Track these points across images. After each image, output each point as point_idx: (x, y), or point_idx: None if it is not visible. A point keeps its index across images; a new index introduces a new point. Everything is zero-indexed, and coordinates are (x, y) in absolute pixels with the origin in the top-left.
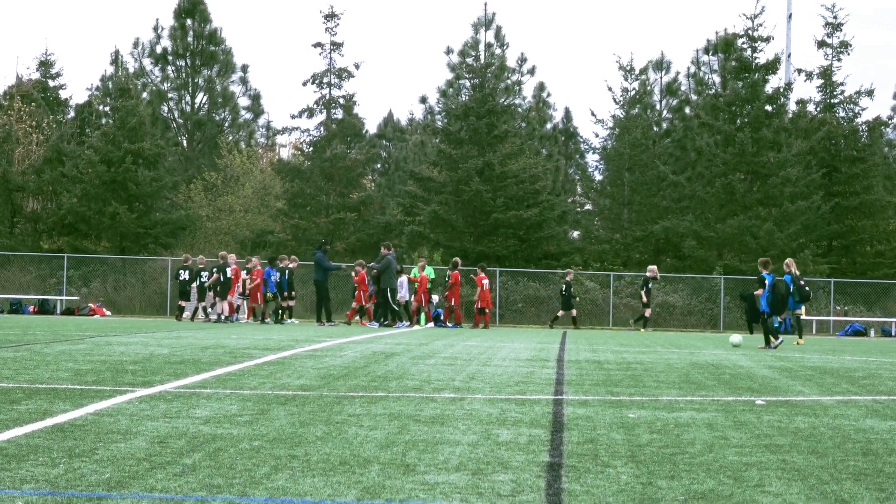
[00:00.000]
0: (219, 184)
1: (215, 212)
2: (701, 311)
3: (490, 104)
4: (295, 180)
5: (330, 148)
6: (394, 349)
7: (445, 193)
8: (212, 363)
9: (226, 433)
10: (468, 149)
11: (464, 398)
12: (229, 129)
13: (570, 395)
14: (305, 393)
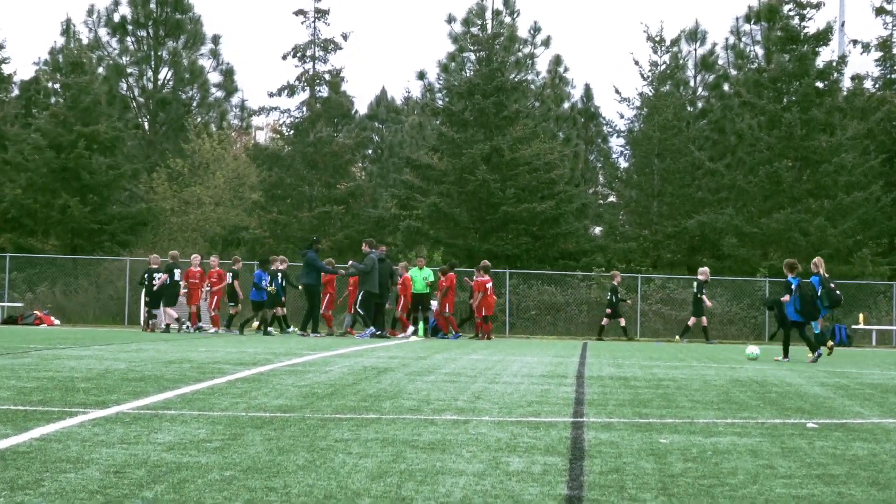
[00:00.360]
0: (185, 172)
1: (181, 205)
2: (743, 320)
3: (498, 80)
4: (273, 168)
5: (314, 131)
6: (387, 364)
7: (447, 183)
8: (176, 380)
9: (192, 461)
10: (473, 132)
11: (468, 421)
12: (198, 110)
13: (591, 416)
14: (285, 415)
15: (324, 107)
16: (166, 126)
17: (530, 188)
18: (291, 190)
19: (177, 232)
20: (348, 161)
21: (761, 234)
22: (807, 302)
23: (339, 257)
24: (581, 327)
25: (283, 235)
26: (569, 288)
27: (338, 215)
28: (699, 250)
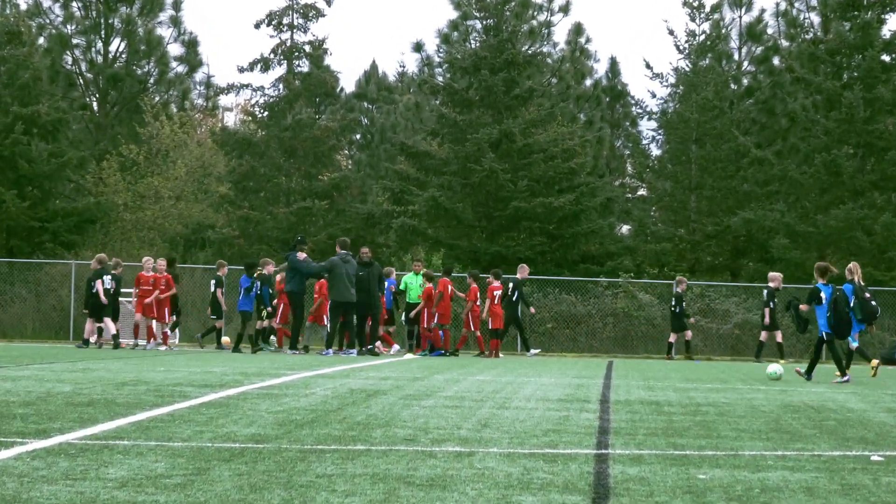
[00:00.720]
0: (141, 161)
1: (136, 199)
2: (796, 334)
3: (509, 53)
4: (244, 156)
5: (291, 112)
6: (378, 386)
7: (448, 174)
8: (131, 405)
9: (149, 500)
10: (479, 113)
11: (473, 453)
12: (155, 88)
13: (618, 448)
14: (258, 445)
15: (303, 84)
16: (118, 107)
17: (546, 180)
18: (265, 182)
19: (131, 231)
20: (332, 148)
21: (817, 233)
22: (842, 316)
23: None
24: (606, 343)
25: (256, 235)
26: (591, 297)
27: (320, 211)
28: (744, 253)
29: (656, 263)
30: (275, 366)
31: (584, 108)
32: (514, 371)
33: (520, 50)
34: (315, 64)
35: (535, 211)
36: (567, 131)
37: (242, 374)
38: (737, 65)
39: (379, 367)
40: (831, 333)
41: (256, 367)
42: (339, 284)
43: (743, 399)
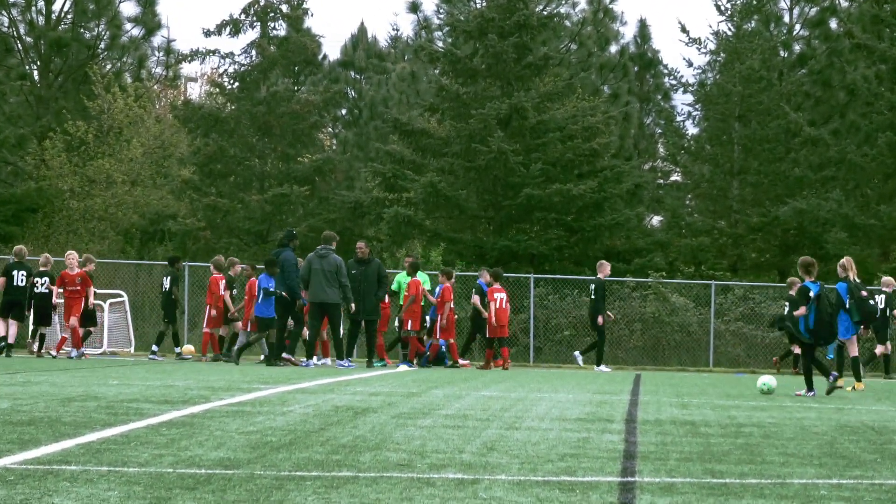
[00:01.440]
0: (90, 140)
1: (84, 184)
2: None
3: (520, 14)
4: (211, 134)
5: (266, 84)
6: (367, 402)
7: (449, 156)
8: (79, 424)
9: None
10: (486, 85)
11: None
12: (107, 54)
13: (646, 475)
14: (227, 471)
15: (280, 50)
16: (63, 76)
17: (564, 163)
18: (235, 164)
19: (78, 221)
20: (314, 125)
21: (880, 225)
22: (823, 318)
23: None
24: (632, 353)
25: (225, 226)
26: (616, 299)
27: (299, 199)
28: (795, 248)
29: (692, 261)
30: (246, 379)
31: (608, 79)
32: (526, 385)
33: (533, 11)
34: (293, 27)
35: (551, 199)
36: (588, 106)
37: (209, 389)
38: (787, 28)
39: (368, 381)
40: (809, 337)
41: (226, 380)
42: (312, 282)
43: (792, 419)
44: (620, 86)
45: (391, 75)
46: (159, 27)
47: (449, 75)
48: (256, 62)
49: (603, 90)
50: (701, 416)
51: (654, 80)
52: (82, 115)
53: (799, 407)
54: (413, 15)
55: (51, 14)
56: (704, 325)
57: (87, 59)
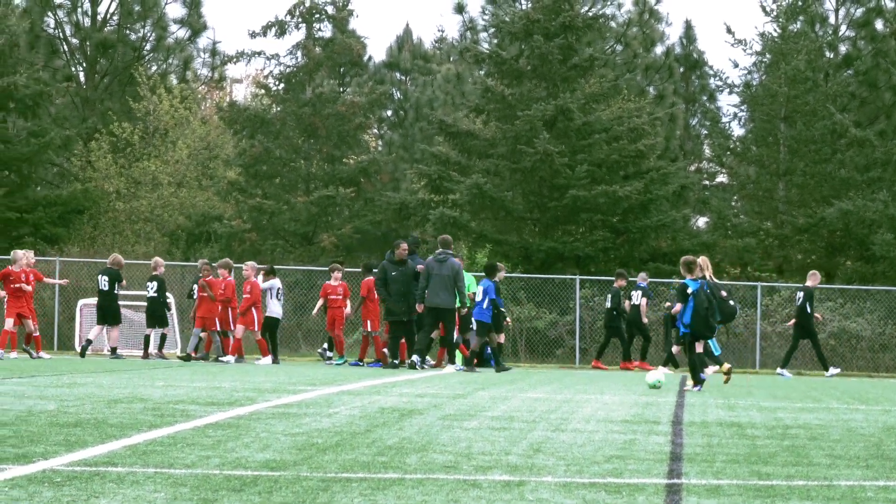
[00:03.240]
0: (136, 141)
1: (130, 185)
2: None
3: (566, 16)
4: (256, 136)
5: (312, 85)
6: (413, 404)
7: (495, 157)
8: (125, 425)
9: None
10: (531, 86)
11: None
12: (152, 56)
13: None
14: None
15: (325, 51)
16: (109, 78)
17: (609, 164)
18: (281, 166)
19: (124, 223)
20: (359, 126)
21: None
22: (700, 314)
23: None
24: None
25: (270, 228)
26: (663, 300)
27: (345, 201)
28: (841, 249)
29: (738, 262)
30: (292, 381)
31: (653, 80)
32: (572, 387)
33: (579, 12)
34: (339, 28)
35: (597, 201)
36: (634, 107)
37: (255, 391)
38: (833, 29)
39: (413, 383)
40: (689, 333)
41: (271, 383)
42: (430, 286)
43: (839, 420)
44: (666, 87)
45: (437, 77)
46: (205, 29)
47: (494, 77)
48: (302, 63)
49: (648, 91)
50: (747, 417)
51: (699, 81)
52: (128, 117)
53: (846, 409)
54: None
55: (97, 16)
56: (750, 326)
57: (132, 60)
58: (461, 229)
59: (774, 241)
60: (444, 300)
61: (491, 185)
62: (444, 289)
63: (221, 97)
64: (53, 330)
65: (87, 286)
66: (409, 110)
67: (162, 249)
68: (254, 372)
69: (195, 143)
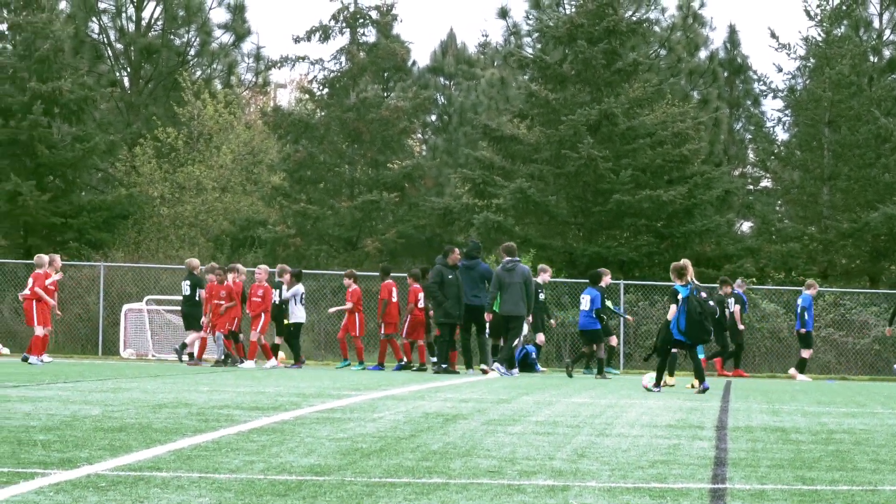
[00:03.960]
0: (180, 146)
1: (175, 190)
2: None
3: (610, 20)
4: (301, 141)
5: (356, 90)
6: (457, 409)
7: (539, 162)
8: (170, 430)
9: None
10: (575, 91)
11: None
12: (196, 61)
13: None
14: (318, 478)
15: (369, 56)
16: (153, 83)
17: (654, 169)
18: (325, 171)
19: (168, 228)
20: (403, 131)
21: None
22: (693, 319)
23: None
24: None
25: (315, 233)
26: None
27: (389, 205)
28: (885, 254)
29: (782, 267)
30: (336, 385)
31: (697, 85)
32: (616, 392)
33: (622, 16)
34: (383, 32)
35: (641, 205)
36: (678, 112)
37: (299, 396)
38: (877, 33)
39: (458, 388)
40: (680, 340)
41: (315, 388)
42: (507, 295)
43: (883, 425)
44: (710, 91)
45: (480, 81)
46: (249, 33)
47: (538, 81)
48: (346, 68)
49: (692, 96)
50: (792, 422)
51: (743, 85)
52: (172, 122)
53: (890, 413)
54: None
55: (141, 21)
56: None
57: (176, 65)
58: (505, 234)
59: (819, 245)
60: (520, 309)
61: (535, 190)
62: (521, 297)
63: (265, 102)
64: (98, 335)
65: (132, 291)
66: (453, 115)
67: (206, 254)
68: (298, 377)
69: (239, 148)
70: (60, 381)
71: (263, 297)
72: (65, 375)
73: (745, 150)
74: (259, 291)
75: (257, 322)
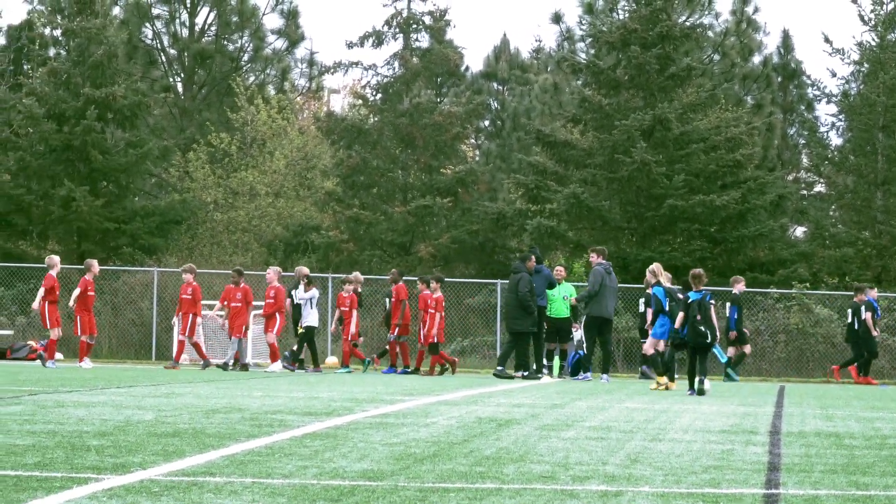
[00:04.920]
0: (233, 152)
1: (228, 196)
2: None
3: (663, 25)
4: (354, 146)
5: (409, 95)
6: (510, 414)
7: (592, 167)
8: (223, 435)
9: None
10: (628, 96)
11: (621, 492)
12: (250, 66)
13: (790, 487)
14: (371, 483)
15: (423, 61)
16: (207, 88)
17: (707, 174)
18: (378, 176)
19: (222, 233)
20: (456, 136)
21: None
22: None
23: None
24: (776, 365)
25: (368, 238)
26: (760, 311)
27: (442, 211)
28: None
29: (836, 272)
30: (390, 390)
31: (751, 90)
32: (669, 397)
33: (676, 21)
34: (436, 38)
35: (695, 210)
36: (732, 117)
37: (352, 401)
38: None
39: (511, 393)
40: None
41: (368, 393)
42: (605, 298)
43: None
44: (763, 96)
45: (534, 86)
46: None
47: (592, 86)
48: (399, 74)
49: (746, 101)
50: (845, 427)
51: (797, 90)
52: (225, 127)
53: None
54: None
55: (194, 26)
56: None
57: (230, 70)
58: (558, 239)
59: (872, 250)
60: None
61: (588, 195)
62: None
63: (319, 107)
64: (151, 340)
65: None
66: (507, 120)
67: (260, 260)
68: (351, 382)
69: (292, 153)
70: (114, 386)
71: (276, 297)
72: (118, 380)
73: (799, 154)
74: (271, 293)
75: (272, 323)
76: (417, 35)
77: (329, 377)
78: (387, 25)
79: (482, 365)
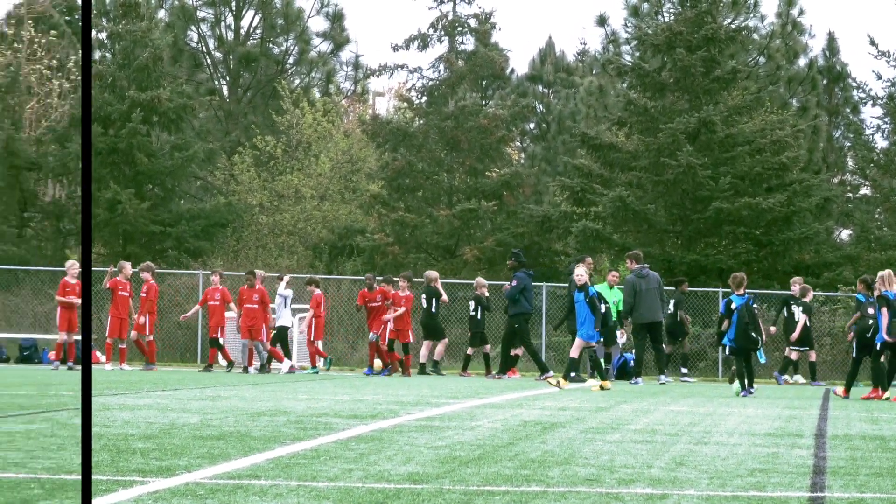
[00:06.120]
0: (279, 155)
1: (273, 199)
2: None
3: (708, 28)
4: (399, 149)
5: (454, 98)
6: (555, 417)
7: (637, 170)
8: (268, 438)
9: None
10: (674, 99)
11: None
12: (295, 69)
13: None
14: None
15: (468, 64)
16: (252, 91)
17: (752, 176)
18: (424, 179)
19: (267, 236)
20: (502, 139)
21: None
22: (740, 328)
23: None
24: (823, 367)
25: (413, 241)
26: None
27: (488, 213)
28: None
29: None
30: (435, 393)
31: (796, 93)
32: (714, 400)
33: (721, 24)
34: (481, 41)
35: (740, 213)
36: (777, 119)
37: (397, 404)
38: None
39: (555, 396)
40: (735, 347)
41: (413, 395)
42: (644, 302)
43: None
44: (809, 99)
45: (579, 89)
46: (347, 42)
47: (637, 89)
48: (444, 76)
49: (791, 103)
50: (891, 431)
51: (842, 93)
52: (271, 130)
53: None
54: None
55: (239, 30)
56: None
57: (275, 74)
58: (603, 242)
59: None
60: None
61: (633, 198)
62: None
63: (364, 110)
64: (197, 343)
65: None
66: (552, 123)
67: (305, 263)
68: (396, 385)
69: (338, 156)
70: (159, 389)
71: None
72: (164, 383)
73: (844, 157)
74: (254, 297)
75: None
76: (463, 38)
77: (374, 380)
78: (432, 28)
79: (526, 368)
